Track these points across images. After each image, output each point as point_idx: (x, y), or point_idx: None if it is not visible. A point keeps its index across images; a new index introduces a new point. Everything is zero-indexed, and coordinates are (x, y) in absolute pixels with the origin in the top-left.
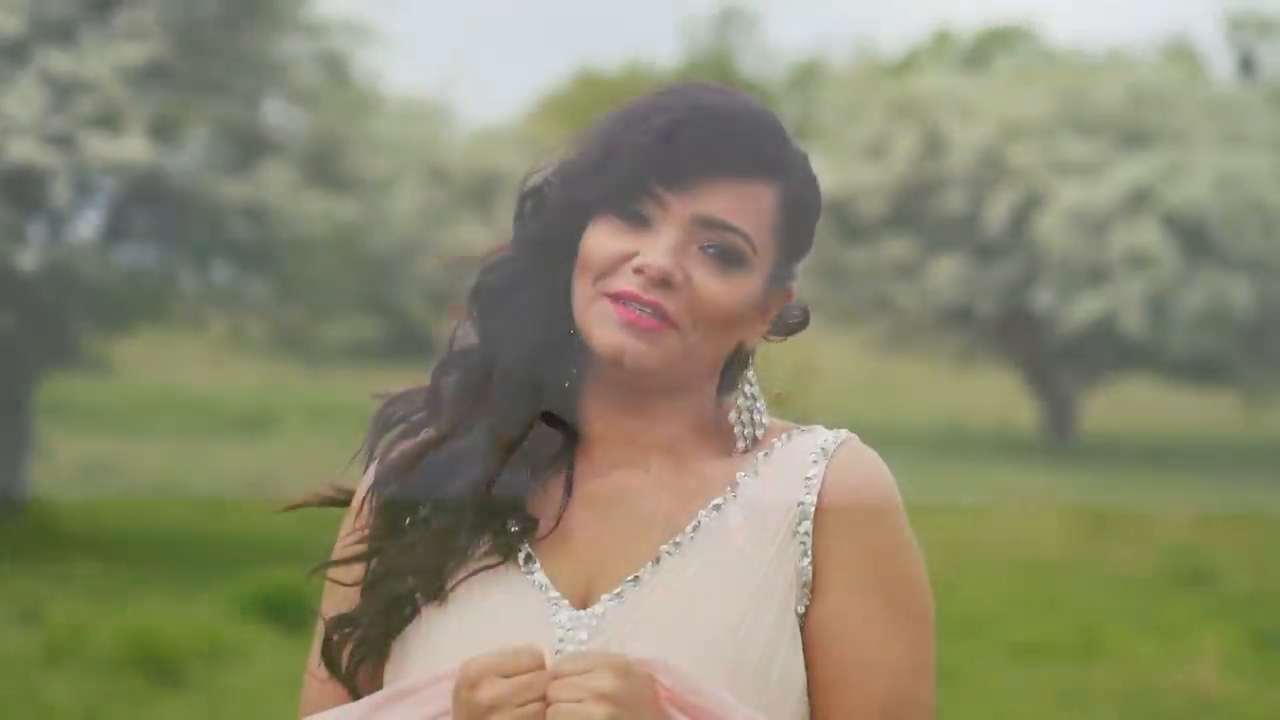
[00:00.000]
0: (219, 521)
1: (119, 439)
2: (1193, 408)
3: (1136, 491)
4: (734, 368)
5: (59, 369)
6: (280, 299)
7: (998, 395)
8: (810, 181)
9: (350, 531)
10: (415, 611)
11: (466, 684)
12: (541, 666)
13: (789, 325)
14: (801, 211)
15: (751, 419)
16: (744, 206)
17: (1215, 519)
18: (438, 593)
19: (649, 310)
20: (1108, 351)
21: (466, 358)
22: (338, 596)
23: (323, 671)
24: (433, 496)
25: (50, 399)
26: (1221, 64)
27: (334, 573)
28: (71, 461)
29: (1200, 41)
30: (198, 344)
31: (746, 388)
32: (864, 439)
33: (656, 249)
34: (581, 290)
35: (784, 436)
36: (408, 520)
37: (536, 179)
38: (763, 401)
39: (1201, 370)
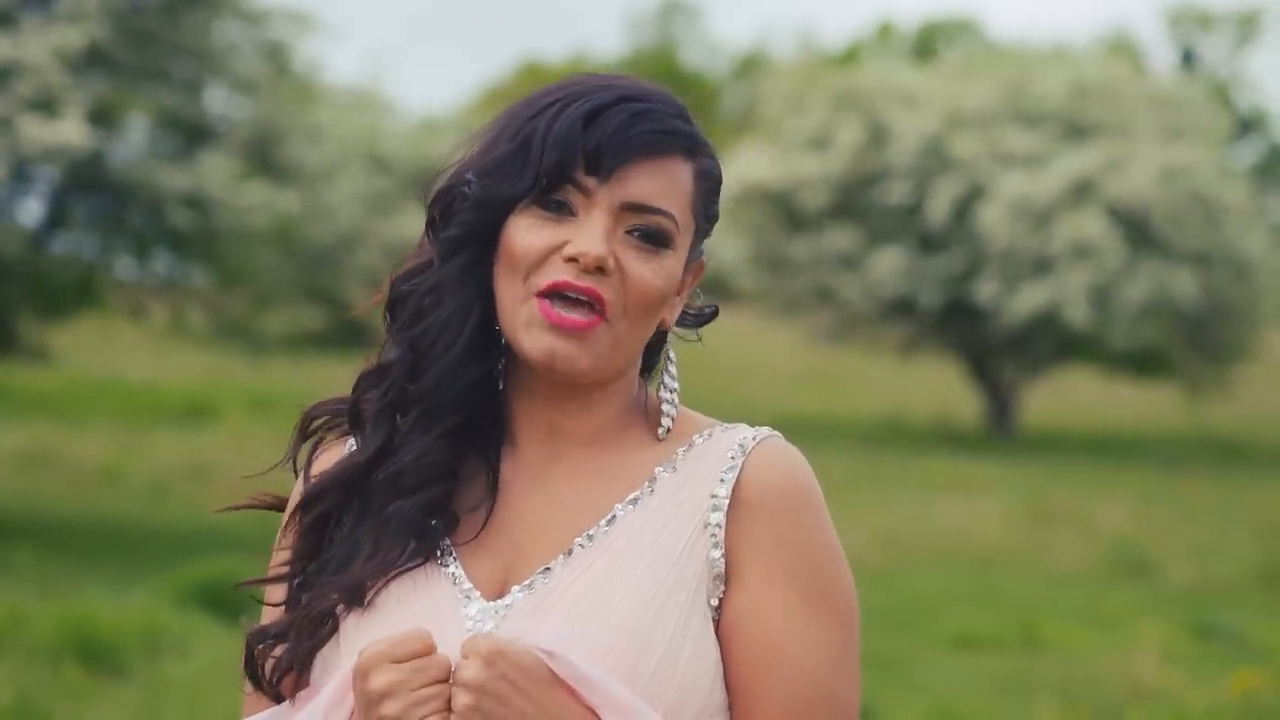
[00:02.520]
0: (159, 511)
1: (59, 428)
2: (1134, 400)
3: (1078, 483)
4: (653, 349)
5: None
6: (221, 288)
7: (940, 387)
8: (713, 154)
9: (279, 549)
10: (336, 625)
11: (359, 674)
12: (431, 650)
13: (700, 317)
14: (713, 184)
15: (674, 405)
16: (666, 186)
17: (1155, 511)
18: (360, 602)
19: (582, 303)
20: (1050, 343)
21: (388, 372)
22: (271, 613)
23: (248, 684)
24: (357, 513)
25: None
26: (1162, 57)
27: (266, 593)
28: (11, 450)
29: (1141, 35)
30: (138, 333)
31: (668, 378)
32: (806, 430)
33: (588, 237)
34: (510, 290)
35: (706, 433)
36: (330, 538)
37: (443, 182)
38: (679, 384)
39: (1143, 362)
